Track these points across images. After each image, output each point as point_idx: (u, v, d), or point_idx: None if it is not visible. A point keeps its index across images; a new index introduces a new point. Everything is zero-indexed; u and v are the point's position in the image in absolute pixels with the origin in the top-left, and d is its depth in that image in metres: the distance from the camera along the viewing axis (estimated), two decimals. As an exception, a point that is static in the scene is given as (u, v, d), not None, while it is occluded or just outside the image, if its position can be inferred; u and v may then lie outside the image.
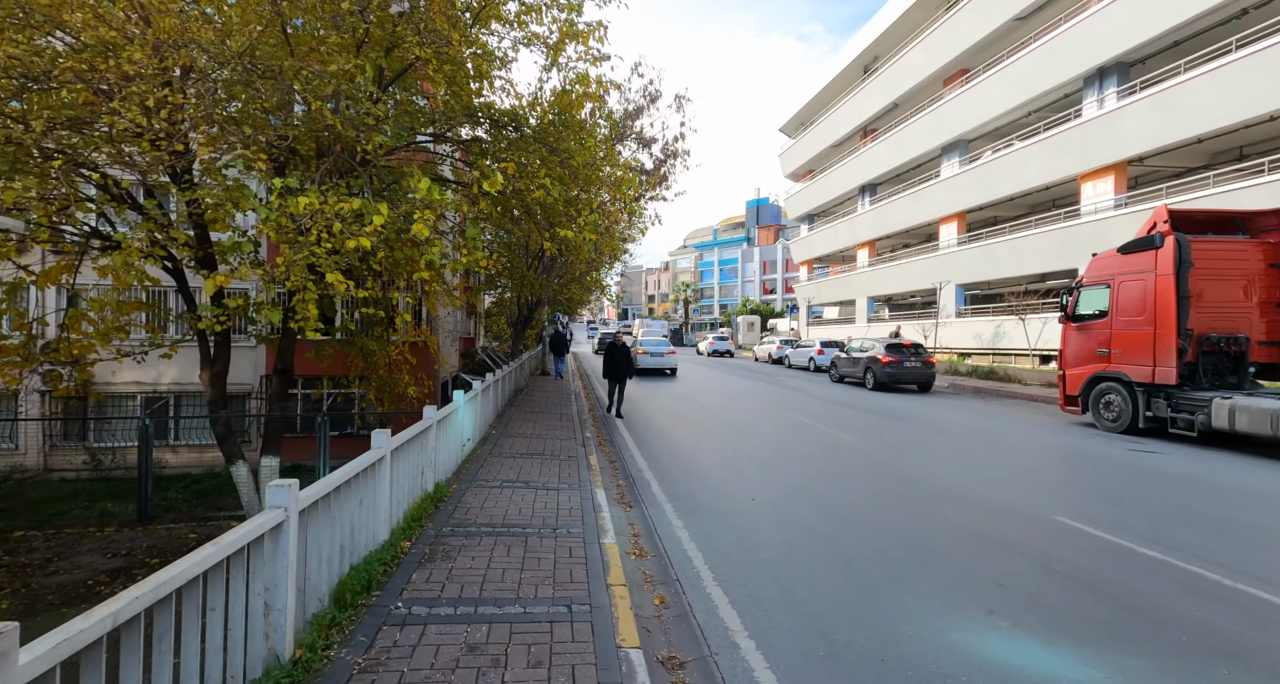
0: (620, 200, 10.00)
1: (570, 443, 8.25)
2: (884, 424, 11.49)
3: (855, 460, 8.28)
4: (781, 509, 5.96)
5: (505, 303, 20.01)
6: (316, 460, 10.23)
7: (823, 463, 8.13)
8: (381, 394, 13.01)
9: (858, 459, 8.36)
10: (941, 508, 6.05)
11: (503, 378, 11.25)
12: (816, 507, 6.04)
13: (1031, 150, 21.93)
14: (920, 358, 17.67)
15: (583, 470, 6.65)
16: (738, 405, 14.08)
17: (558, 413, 11.45)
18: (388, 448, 3.92)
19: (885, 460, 8.31)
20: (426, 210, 6.42)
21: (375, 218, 6.22)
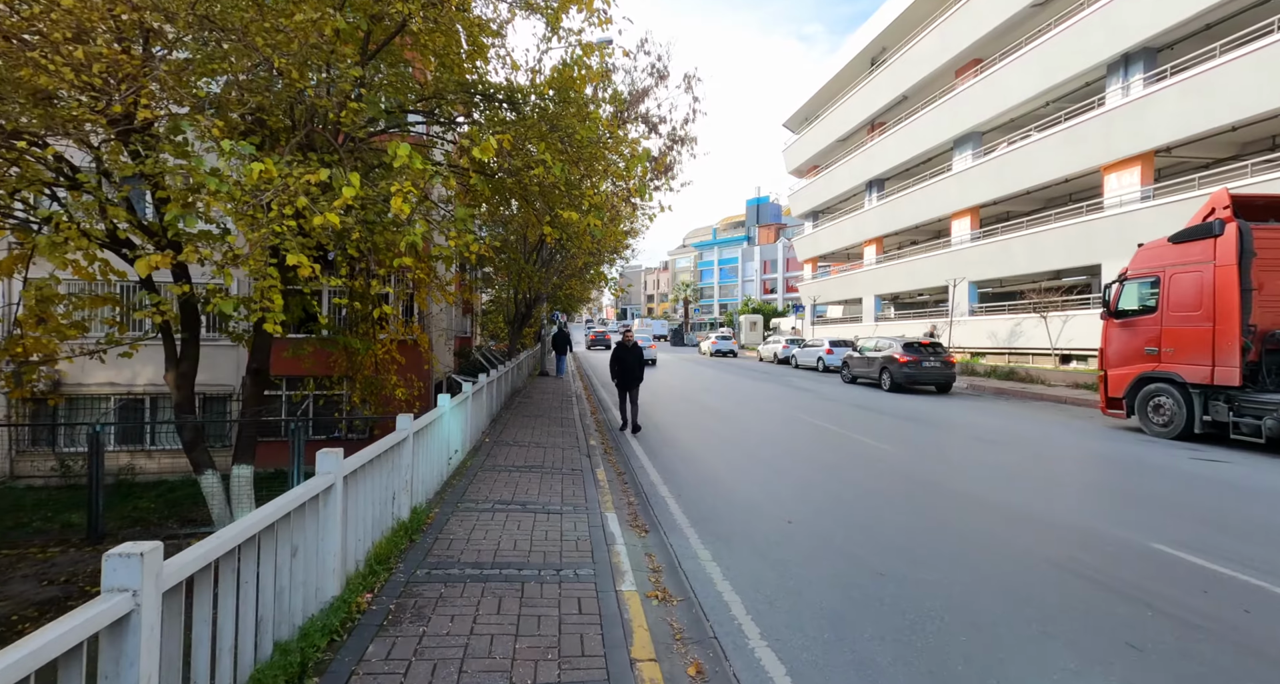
0: (627, 181, 9.05)
1: (573, 453, 7.31)
2: (912, 429, 10.57)
3: (893, 473, 7.35)
4: (825, 536, 5.02)
5: (502, 301, 19.08)
6: (290, 469, 9.25)
7: (858, 476, 7.20)
8: (367, 396, 12.07)
9: (896, 472, 7.42)
10: (1014, 534, 5.12)
11: (498, 379, 10.30)
12: (865, 533, 5.10)
13: (1050, 141, 21.04)
14: (940, 358, 16.76)
15: (589, 486, 5.71)
16: (749, 408, 13.15)
17: (558, 417, 10.51)
18: (338, 474, 2.98)
19: (927, 473, 7.38)
20: (406, 183, 5.48)
21: (346, 190, 5.29)
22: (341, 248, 6.93)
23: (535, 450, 7.28)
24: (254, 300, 6.19)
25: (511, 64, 8.37)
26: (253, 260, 5.64)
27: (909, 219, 29.42)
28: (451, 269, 16.10)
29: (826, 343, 24.50)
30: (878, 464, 7.78)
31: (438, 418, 5.09)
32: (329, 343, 10.29)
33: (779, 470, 7.42)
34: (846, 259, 40.44)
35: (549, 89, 8.61)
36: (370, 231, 6.84)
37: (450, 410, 5.57)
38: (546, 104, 8.72)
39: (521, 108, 8.68)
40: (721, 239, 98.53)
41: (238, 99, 7.07)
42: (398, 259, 6.47)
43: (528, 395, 13.73)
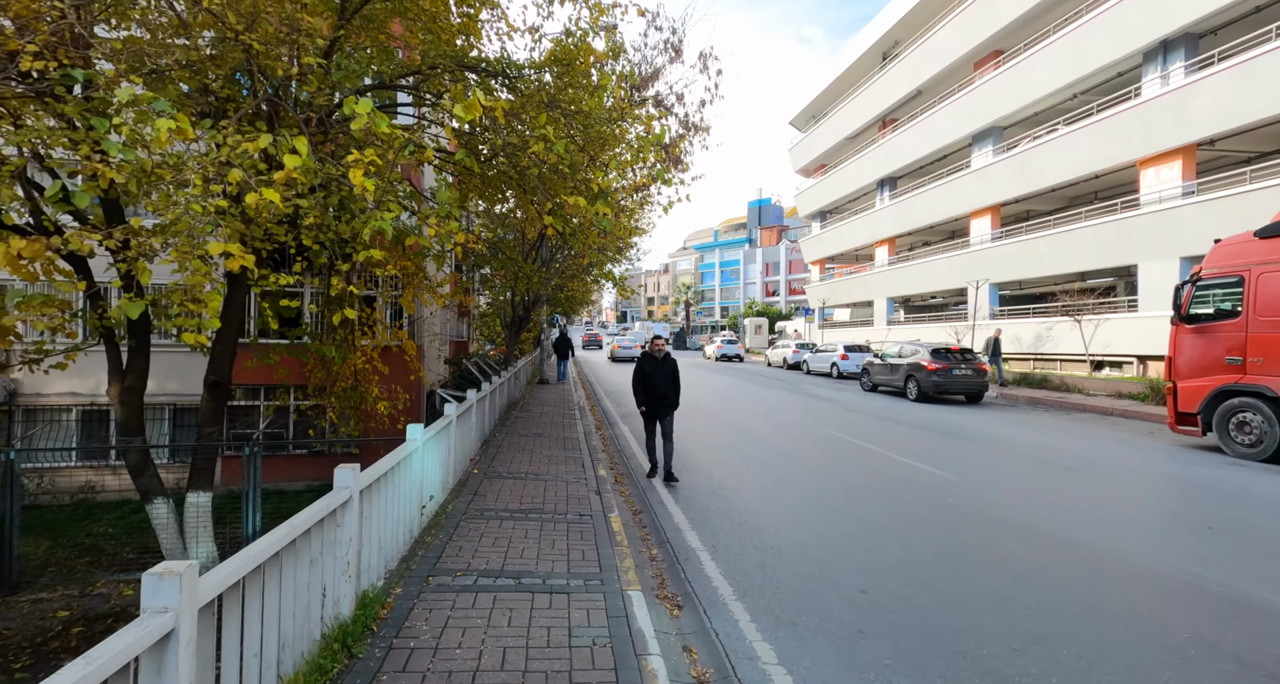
0: (638, 168, 7.84)
1: (579, 487, 6.06)
2: (962, 449, 9.33)
3: (966, 511, 6.11)
4: (919, 614, 3.78)
5: (500, 304, 17.85)
6: (244, 505, 7.99)
7: (926, 514, 5.95)
8: (346, 410, 10.82)
9: (968, 509, 6.18)
10: (1151, 603, 3.87)
11: (491, 393, 9.05)
12: (966, 608, 3.86)
13: (1080, 135, 19.85)
14: (971, 365, 15.53)
15: (602, 542, 4.44)
16: (771, 421, 11.91)
17: (560, 436, 9.26)
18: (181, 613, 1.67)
19: (1003, 510, 6.14)
20: (369, 151, 4.24)
21: (289, 159, 4.05)
22: (297, 238, 5.68)
23: (534, 485, 6.03)
24: (185, 302, 4.96)
25: (507, 24, 7.14)
26: (177, 252, 4.40)
27: (924, 218, 28.23)
28: (444, 268, 14.88)
29: (841, 348, 23.27)
30: (944, 498, 6.53)
31: (404, 459, 3.85)
32: (298, 350, 9.03)
33: (827, 506, 6.17)
34: (855, 260, 39.27)
35: (551, 62, 7.41)
36: (336, 217, 5.61)
37: (425, 445, 4.33)
38: (546, 80, 7.53)
39: (517, 84, 7.46)
40: (723, 241, 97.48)
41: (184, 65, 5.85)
42: (364, 252, 5.23)
43: (526, 408, 12.47)
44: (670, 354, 7.63)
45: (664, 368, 7.45)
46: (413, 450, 4.04)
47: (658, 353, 7.52)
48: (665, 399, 7.41)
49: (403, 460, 3.82)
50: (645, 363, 7.47)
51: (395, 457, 3.68)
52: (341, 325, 10.76)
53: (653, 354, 7.51)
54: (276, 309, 9.87)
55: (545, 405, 13.10)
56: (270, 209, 4.41)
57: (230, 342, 8.54)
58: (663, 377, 7.39)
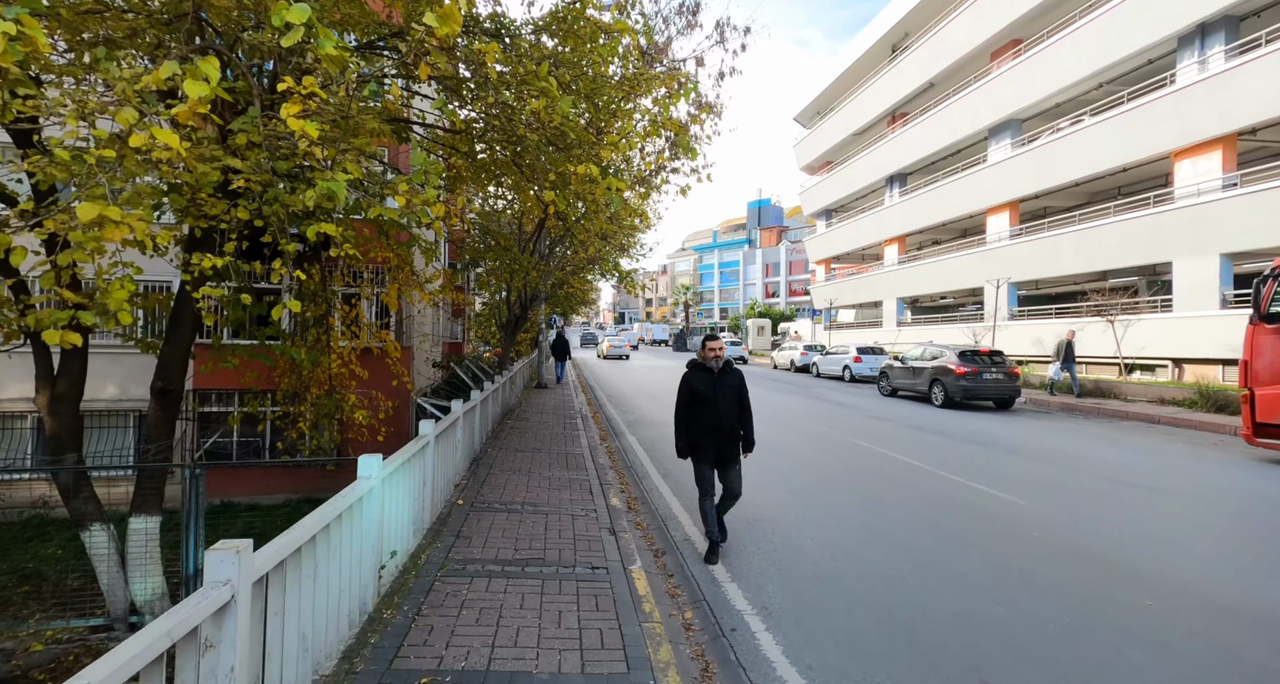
0: (660, 137, 6.71)
1: (588, 523, 4.92)
2: (1011, 463, 8.22)
3: (1056, 547, 5.00)
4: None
5: (496, 303, 16.71)
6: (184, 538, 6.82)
7: (1010, 554, 4.84)
8: (321, 420, 9.64)
9: (1060, 545, 5.07)
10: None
11: (483, 402, 7.89)
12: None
13: (1108, 126, 18.82)
14: (1002, 369, 14.44)
15: (626, 617, 3.24)
16: (795, 432, 10.78)
17: (561, 451, 8.11)
18: None
19: (1102, 545, 5.03)
20: (307, 79, 3.11)
21: (192, 87, 2.92)
22: (227, 205, 4.53)
23: (532, 521, 4.88)
24: (58, 288, 3.83)
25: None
26: (54, 221, 3.25)
27: (937, 215, 27.18)
28: (434, 263, 13.71)
29: (854, 350, 22.17)
30: (1021, 530, 5.42)
31: (349, 510, 2.67)
32: (259, 352, 7.86)
33: (889, 542, 5.05)
34: (861, 260, 38.22)
35: (552, 22, 6.31)
36: (280, 186, 4.46)
37: (386, 482, 3.18)
38: (546, 43, 6.43)
39: (517, 42, 6.35)
40: (722, 242, 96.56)
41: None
42: (314, 227, 4.09)
43: (523, 417, 11.31)
44: (732, 363, 4.85)
45: (724, 386, 4.62)
46: (365, 493, 2.89)
47: (713, 363, 4.65)
48: (730, 436, 4.60)
49: (347, 511, 2.67)
50: (695, 379, 4.67)
51: (333, 508, 2.52)
52: (317, 323, 9.62)
53: (704, 364, 4.70)
54: (235, 306, 8.74)
55: (544, 413, 11.94)
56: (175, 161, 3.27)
57: (183, 342, 7.39)
58: (725, 399, 4.58)
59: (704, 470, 4.68)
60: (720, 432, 4.59)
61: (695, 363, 4.80)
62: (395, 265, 9.63)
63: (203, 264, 4.01)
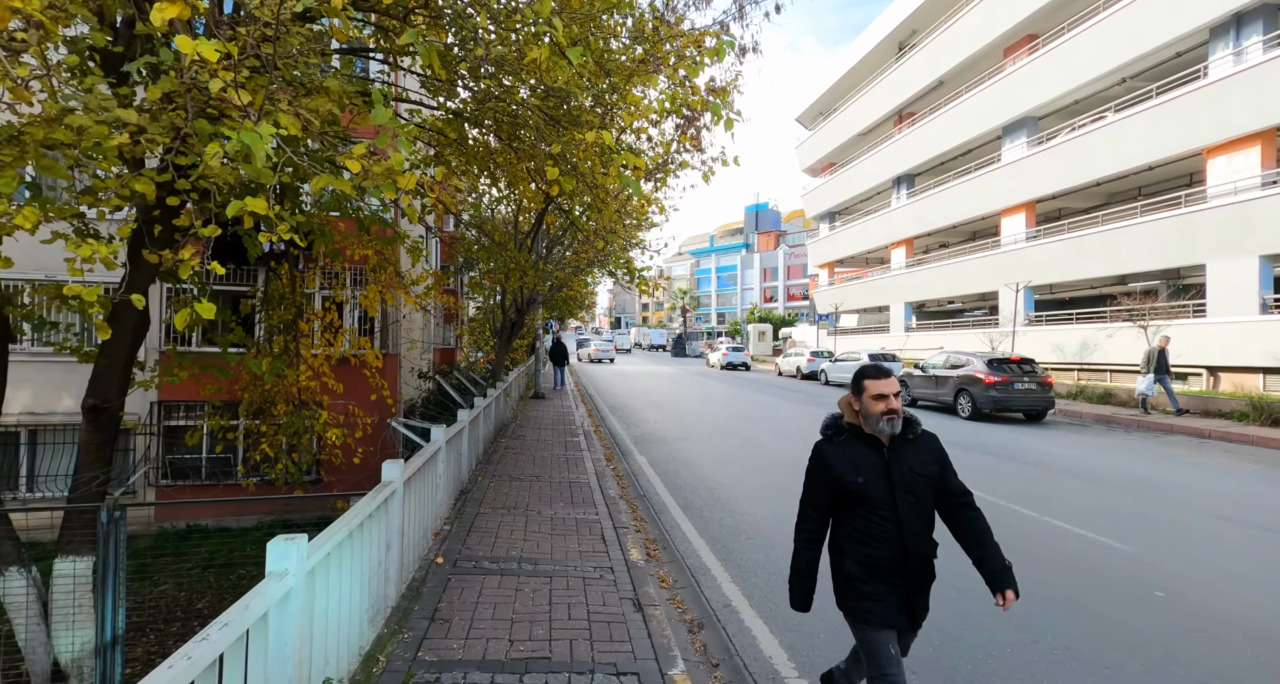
0: (682, 112, 5.66)
1: (604, 590, 3.79)
2: (1081, 490, 7.17)
3: (1198, 614, 3.94)
4: None
5: (490, 308, 15.62)
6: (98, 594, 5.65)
7: (1137, 623, 3.78)
8: (291, 439, 8.51)
9: (1199, 611, 4.01)
10: None
11: (473, 422, 6.77)
12: None
13: (1133, 123, 17.92)
14: (1035, 378, 13.43)
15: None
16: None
17: (564, 479, 7.00)
18: None
19: (1255, 612, 3.97)
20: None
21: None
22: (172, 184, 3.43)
23: (532, 587, 3.74)
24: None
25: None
26: None
27: (948, 217, 26.26)
28: (422, 262, 12.61)
29: (865, 357, 21.15)
30: (1138, 586, 4.36)
31: (228, 650, 1.58)
32: (211, 365, 6.72)
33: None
34: (865, 263, 37.30)
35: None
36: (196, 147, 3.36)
37: (307, 582, 2.04)
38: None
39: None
40: (719, 246, 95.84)
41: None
42: (236, 204, 3.00)
43: (518, 433, 10.19)
44: (918, 424, 2.39)
45: (909, 470, 2.29)
46: (274, 603, 1.78)
47: (884, 425, 2.24)
48: (924, 571, 2.34)
49: (232, 648, 1.57)
50: (843, 460, 2.29)
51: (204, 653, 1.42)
52: (285, 330, 8.52)
53: (862, 430, 2.32)
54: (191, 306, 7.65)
55: (542, 428, 10.83)
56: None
57: (121, 352, 6.23)
58: (912, 498, 2.28)
59: (881, 641, 2.22)
60: (909, 564, 2.25)
61: (840, 426, 2.38)
62: (376, 265, 8.55)
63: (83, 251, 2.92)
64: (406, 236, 8.49)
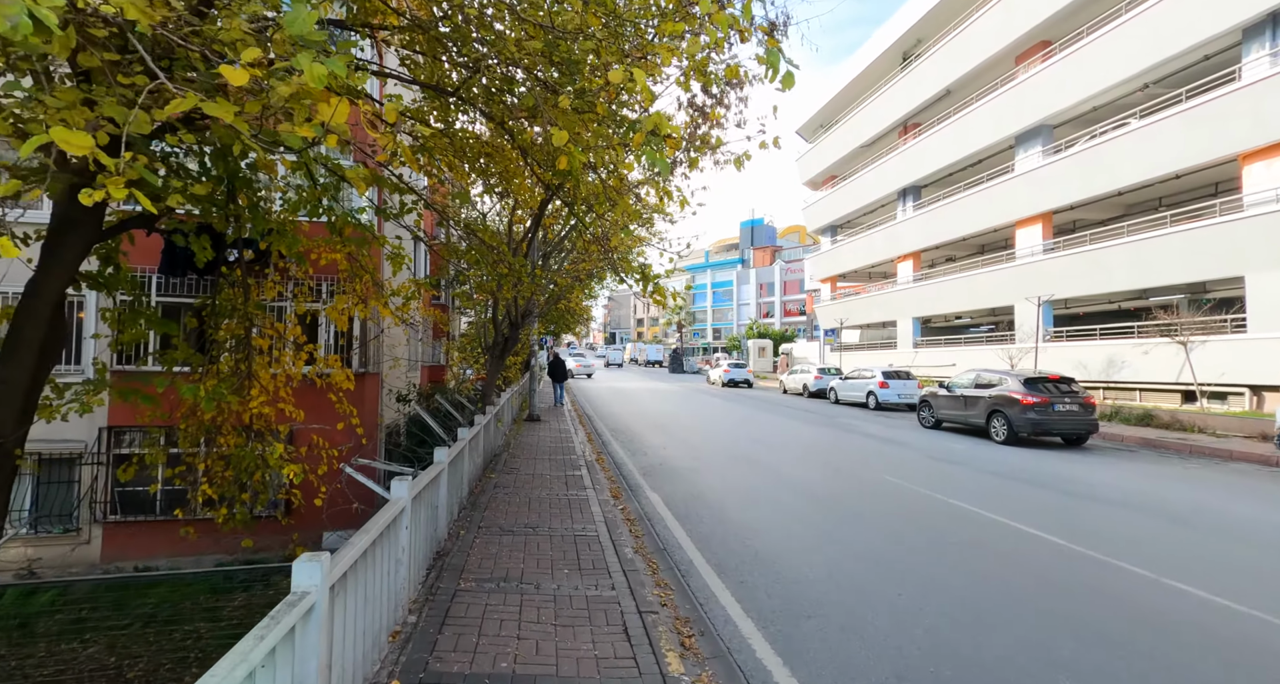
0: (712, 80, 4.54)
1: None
2: (1162, 532, 5.99)
3: None
4: None
5: (482, 322, 14.41)
6: None
7: None
8: (242, 476, 7.18)
9: None
10: None
11: (454, 460, 5.52)
12: None
13: (1159, 129, 17.08)
14: (1076, 398, 12.30)
15: None
16: (850, 481, 8.46)
17: (568, 530, 5.74)
18: None
19: None
20: None
21: None
22: None
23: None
24: None
25: None
26: None
27: (958, 229, 25.36)
28: (404, 272, 11.40)
29: (878, 374, 20.02)
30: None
31: None
32: (130, 390, 5.43)
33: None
34: (869, 278, 36.39)
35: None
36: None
37: None
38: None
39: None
40: (714, 262, 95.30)
41: None
42: (34, 137, 1.79)
43: (511, 466, 8.92)
44: None
45: None
46: None
47: None
48: None
49: None
50: None
51: None
52: (236, 347, 7.26)
53: None
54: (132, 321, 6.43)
55: (538, 458, 9.57)
56: None
57: (23, 375, 4.94)
58: None
59: None
60: None
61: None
62: (348, 272, 7.33)
63: None
64: (385, 241, 7.31)
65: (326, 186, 6.81)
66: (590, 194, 5.96)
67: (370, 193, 11.47)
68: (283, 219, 6.86)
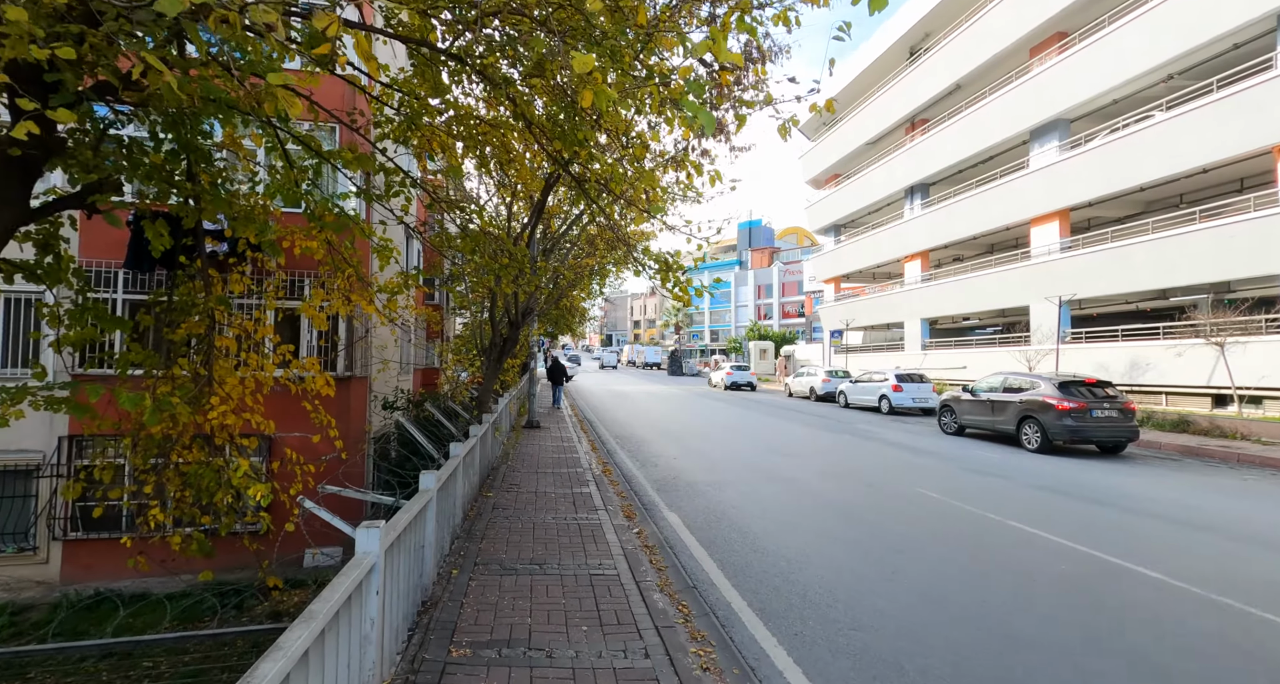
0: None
1: None
2: (1270, 563, 5.15)
3: None
4: None
5: (478, 323, 13.52)
6: None
7: None
8: (203, 497, 6.27)
9: None
10: None
11: (444, 486, 4.64)
12: None
13: (1186, 121, 16.35)
14: (1115, 404, 11.49)
15: None
16: (871, 491, 7.60)
17: (580, 567, 4.86)
18: None
19: None
20: None
21: None
22: None
23: None
24: None
25: None
26: None
27: (968, 228, 24.61)
28: (392, 263, 10.50)
29: (891, 377, 19.21)
30: None
31: None
32: (57, 401, 4.52)
33: None
34: (873, 279, 35.65)
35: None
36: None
37: None
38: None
39: None
40: (712, 263, 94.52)
41: None
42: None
43: (510, 482, 8.03)
44: None
45: None
46: None
47: None
48: None
49: None
50: None
51: None
52: (197, 348, 6.41)
53: None
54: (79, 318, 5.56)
55: (540, 472, 8.68)
56: None
57: None
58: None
59: None
60: None
61: None
62: (331, 265, 6.49)
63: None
64: (371, 232, 6.44)
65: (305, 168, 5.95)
66: (605, 174, 5.10)
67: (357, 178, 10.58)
68: (251, 203, 6.00)
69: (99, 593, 10.12)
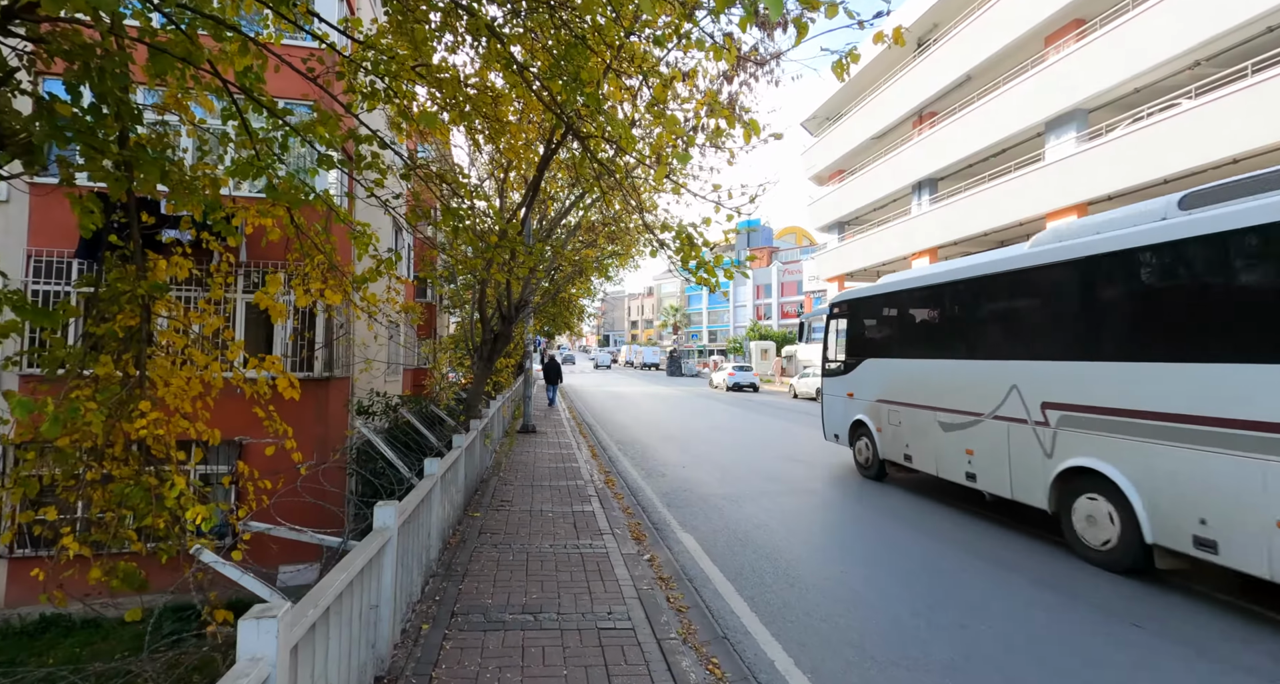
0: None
1: None
2: None
3: None
4: None
5: (469, 320, 12.56)
6: None
7: None
8: (125, 514, 5.33)
9: None
10: None
11: (409, 520, 3.71)
12: None
13: (1217, 108, 15.56)
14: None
15: None
16: (936, 520, 6.71)
17: (587, 616, 3.94)
18: None
19: None
20: None
21: None
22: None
23: None
24: None
25: None
26: None
27: (980, 223, 23.80)
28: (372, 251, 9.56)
29: (904, 378, 18.29)
30: None
31: None
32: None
33: None
34: (877, 276, 34.76)
35: None
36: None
37: None
38: None
39: None
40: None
41: None
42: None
43: (503, 497, 7.09)
44: None
45: None
46: None
47: None
48: None
49: None
50: None
51: None
52: (127, 344, 5.41)
53: None
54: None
55: (535, 485, 7.75)
56: None
57: None
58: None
59: None
60: None
61: None
62: (295, 250, 5.59)
63: None
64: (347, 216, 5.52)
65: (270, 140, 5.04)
66: (616, 132, 4.18)
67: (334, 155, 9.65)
68: (195, 173, 5.05)
69: (46, 617, 9.16)
